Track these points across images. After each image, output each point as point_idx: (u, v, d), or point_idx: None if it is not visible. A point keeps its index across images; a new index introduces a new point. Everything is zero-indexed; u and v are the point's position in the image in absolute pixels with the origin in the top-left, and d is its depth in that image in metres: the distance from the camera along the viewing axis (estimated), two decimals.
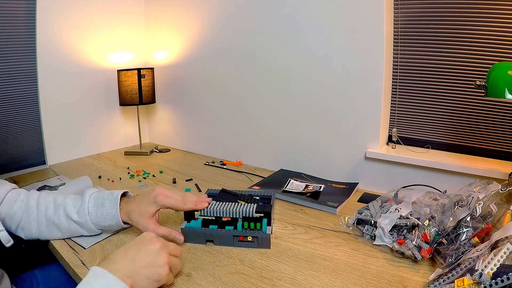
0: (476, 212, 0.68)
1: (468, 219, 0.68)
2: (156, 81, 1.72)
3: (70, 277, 0.75)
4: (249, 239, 0.78)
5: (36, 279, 0.86)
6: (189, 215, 0.81)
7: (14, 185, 0.84)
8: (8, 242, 0.72)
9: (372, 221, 0.80)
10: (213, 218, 0.80)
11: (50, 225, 0.78)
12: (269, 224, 0.80)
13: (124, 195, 0.81)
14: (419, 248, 0.70)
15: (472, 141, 1.04)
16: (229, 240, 0.79)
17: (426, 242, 0.69)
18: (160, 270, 0.58)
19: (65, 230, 0.79)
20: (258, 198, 0.91)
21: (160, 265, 0.58)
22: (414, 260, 0.70)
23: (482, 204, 0.68)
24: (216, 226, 0.80)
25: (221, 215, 0.80)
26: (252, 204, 0.82)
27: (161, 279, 0.58)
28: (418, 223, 0.72)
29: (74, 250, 0.78)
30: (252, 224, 0.78)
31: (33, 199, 0.80)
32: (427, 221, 0.72)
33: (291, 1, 1.20)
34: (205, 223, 0.81)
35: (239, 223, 0.79)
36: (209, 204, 0.81)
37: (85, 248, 0.78)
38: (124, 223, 0.77)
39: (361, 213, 0.85)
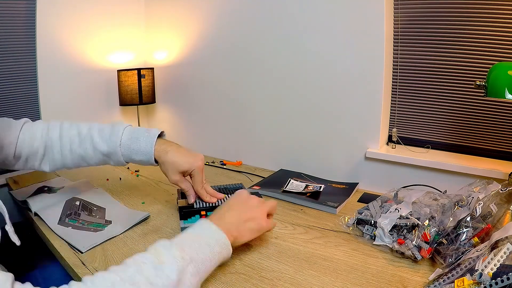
0: (476, 212, 0.68)
1: (468, 219, 0.68)
2: (156, 81, 1.72)
3: (71, 278, 0.74)
4: None
5: (36, 280, 0.86)
6: (185, 214, 0.82)
7: (25, 120, 0.85)
8: (18, 241, 0.72)
9: (372, 221, 0.80)
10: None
11: (76, 157, 0.82)
12: None
13: (160, 136, 0.84)
14: (419, 248, 0.70)
15: (472, 141, 1.04)
16: None
17: (426, 242, 0.69)
18: (261, 221, 0.68)
19: (92, 161, 0.83)
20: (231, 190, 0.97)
21: (261, 217, 0.68)
22: (414, 260, 0.70)
23: (482, 204, 0.68)
24: None
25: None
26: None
27: (262, 229, 0.69)
28: (418, 223, 0.72)
29: (74, 250, 0.78)
30: None
31: (55, 133, 0.82)
32: (427, 221, 0.72)
33: (291, 1, 1.20)
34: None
35: None
36: (220, 199, 0.86)
37: (82, 252, 0.76)
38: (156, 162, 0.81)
39: (361, 213, 0.85)
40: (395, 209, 0.78)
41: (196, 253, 0.54)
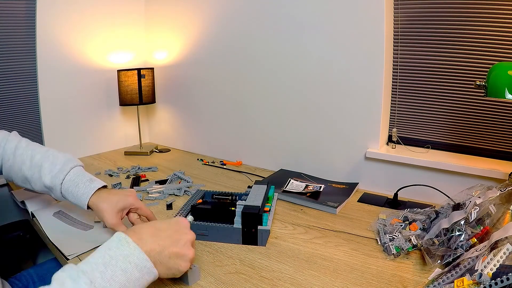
0: (471, 216, 0.67)
1: (462, 223, 0.68)
2: (156, 81, 1.72)
3: None
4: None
5: (31, 278, 0.86)
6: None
7: None
8: None
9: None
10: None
11: (23, 178, 0.82)
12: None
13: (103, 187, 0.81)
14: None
15: (472, 141, 1.04)
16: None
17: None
18: (183, 264, 0.56)
19: (37, 187, 0.81)
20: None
21: (186, 260, 0.56)
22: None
23: (478, 209, 0.68)
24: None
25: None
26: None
27: (179, 273, 0.56)
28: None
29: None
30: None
31: (10, 146, 0.82)
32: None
33: (291, 1, 1.20)
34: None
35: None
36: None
37: (67, 259, 0.74)
38: (89, 208, 0.77)
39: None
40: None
41: (109, 284, 0.45)
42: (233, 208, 0.85)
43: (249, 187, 1.10)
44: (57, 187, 0.78)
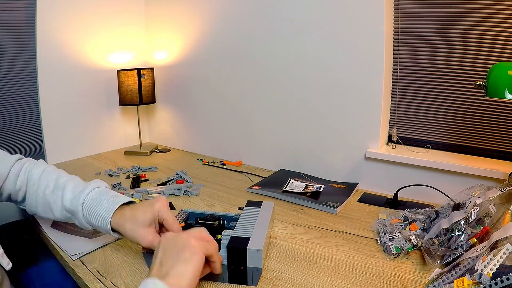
0: (471, 216, 0.67)
1: (462, 223, 0.67)
2: (156, 81, 1.72)
3: (66, 273, 0.75)
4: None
5: (30, 278, 0.85)
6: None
7: (18, 157, 0.79)
8: (8, 265, 0.65)
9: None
10: None
11: (46, 204, 0.74)
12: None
13: (129, 203, 0.71)
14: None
15: (472, 141, 1.04)
16: None
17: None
18: (194, 256, 0.53)
19: (58, 214, 0.73)
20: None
21: (193, 252, 0.53)
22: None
23: (478, 209, 0.68)
24: None
25: None
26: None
27: (197, 266, 0.53)
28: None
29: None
30: None
31: (37, 171, 0.77)
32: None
33: (291, 1, 1.20)
34: None
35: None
36: None
37: (72, 259, 0.74)
38: (114, 231, 0.67)
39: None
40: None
41: None
42: (219, 236, 0.70)
43: (240, 208, 0.89)
44: (78, 209, 0.68)
